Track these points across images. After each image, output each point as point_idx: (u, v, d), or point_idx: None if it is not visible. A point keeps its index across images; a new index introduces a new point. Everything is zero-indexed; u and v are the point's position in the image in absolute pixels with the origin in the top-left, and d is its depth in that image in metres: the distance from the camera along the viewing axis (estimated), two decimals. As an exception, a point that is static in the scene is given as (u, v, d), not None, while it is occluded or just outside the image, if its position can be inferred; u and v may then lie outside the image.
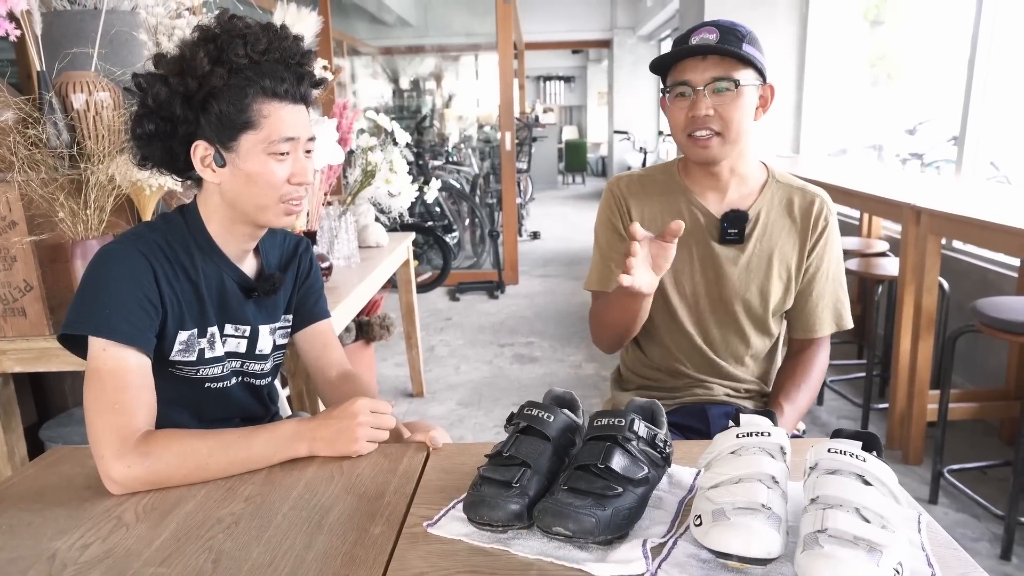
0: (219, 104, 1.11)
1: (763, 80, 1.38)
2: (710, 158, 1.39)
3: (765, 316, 1.48)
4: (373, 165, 2.54)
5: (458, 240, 6.34)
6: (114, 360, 1.07)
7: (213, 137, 1.13)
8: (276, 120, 1.13)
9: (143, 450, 1.03)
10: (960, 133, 3.47)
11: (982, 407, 2.81)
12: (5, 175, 1.59)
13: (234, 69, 1.10)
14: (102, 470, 1.03)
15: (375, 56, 7.15)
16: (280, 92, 1.13)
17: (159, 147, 1.16)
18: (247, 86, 1.11)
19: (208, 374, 1.25)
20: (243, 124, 1.12)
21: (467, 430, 3.19)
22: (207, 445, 1.07)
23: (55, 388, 2.23)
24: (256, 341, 1.30)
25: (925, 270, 2.62)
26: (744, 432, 0.90)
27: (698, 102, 1.34)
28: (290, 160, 1.16)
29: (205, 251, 1.21)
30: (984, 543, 2.24)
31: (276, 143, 1.13)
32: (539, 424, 0.95)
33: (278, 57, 1.13)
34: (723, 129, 1.35)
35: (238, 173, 1.15)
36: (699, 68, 1.33)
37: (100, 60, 1.77)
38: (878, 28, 5.99)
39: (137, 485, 1.03)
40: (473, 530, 0.89)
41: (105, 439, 1.03)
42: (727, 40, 1.32)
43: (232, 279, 1.25)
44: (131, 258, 1.12)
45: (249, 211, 1.18)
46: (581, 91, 16.99)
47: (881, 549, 0.73)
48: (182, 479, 1.05)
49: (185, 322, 1.19)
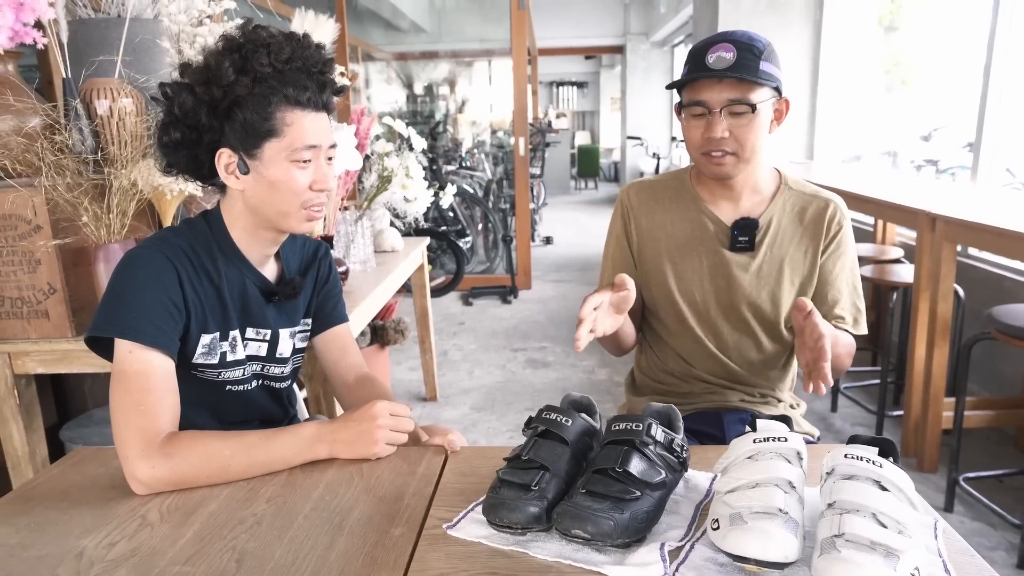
0: (243, 112, 1.13)
1: (779, 94, 1.37)
2: (724, 175, 1.40)
3: (777, 322, 1.48)
4: (389, 171, 2.56)
5: (471, 245, 6.36)
6: (140, 362, 1.09)
7: (237, 145, 1.15)
8: (299, 128, 1.15)
9: (167, 451, 1.05)
10: (976, 139, 3.46)
11: (998, 415, 2.80)
12: (32, 180, 1.62)
13: (258, 78, 1.12)
14: (127, 470, 1.05)
15: (389, 62, 7.20)
16: (303, 100, 1.15)
17: (184, 155, 1.18)
18: (271, 95, 1.13)
19: (229, 377, 1.27)
20: (267, 132, 1.14)
21: (480, 434, 3.20)
22: (230, 447, 1.09)
23: (75, 389, 2.26)
24: (276, 345, 1.32)
25: (940, 277, 2.61)
26: (761, 437, 0.91)
27: (714, 124, 1.33)
28: (312, 167, 1.18)
29: (228, 256, 1.23)
30: (1001, 552, 2.23)
31: (299, 151, 1.15)
32: (557, 428, 0.96)
33: (300, 66, 1.15)
34: (738, 150, 1.35)
35: (261, 180, 1.17)
36: (715, 89, 1.32)
37: (124, 67, 1.80)
38: (893, 34, 5.97)
39: (161, 486, 1.05)
40: (492, 532, 0.90)
41: (130, 440, 1.05)
42: (744, 59, 1.30)
43: (254, 283, 1.27)
44: (157, 262, 1.14)
45: (271, 217, 1.20)
46: (594, 96, 17.01)
47: (898, 554, 0.73)
48: (205, 480, 1.07)
49: (208, 325, 1.21)
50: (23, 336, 1.71)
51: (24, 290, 1.68)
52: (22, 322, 1.70)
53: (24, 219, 1.63)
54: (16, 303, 1.69)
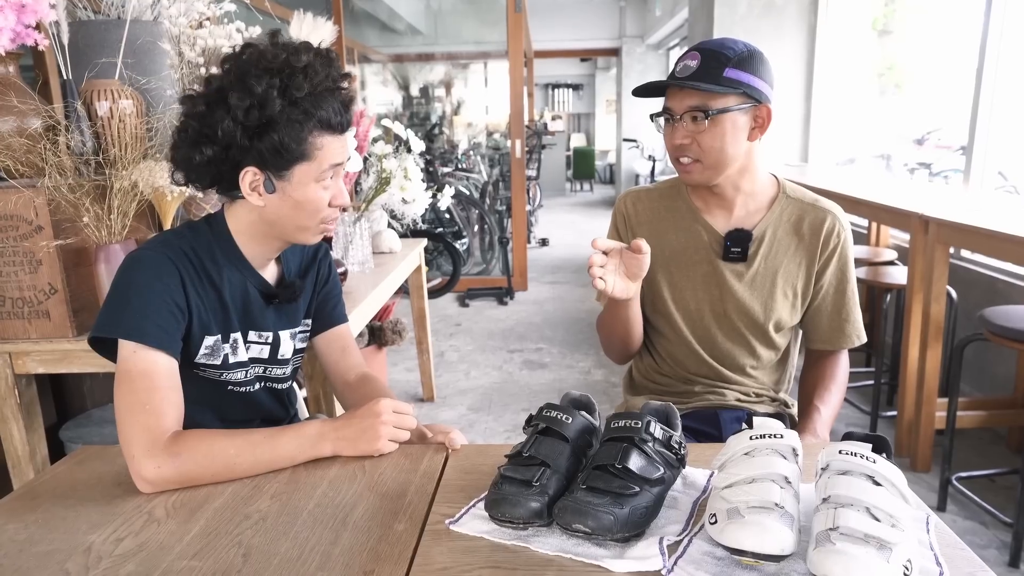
0: (277, 134, 1.11)
1: (756, 101, 1.35)
2: (694, 183, 1.43)
3: (769, 331, 1.50)
4: (388, 172, 2.58)
5: (468, 247, 6.37)
6: (144, 362, 1.11)
7: (265, 164, 1.14)
8: (329, 151, 1.16)
9: (173, 450, 1.06)
10: (968, 143, 3.49)
11: (990, 415, 2.83)
12: (34, 181, 1.64)
13: (295, 101, 1.11)
14: (133, 470, 1.06)
15: (385, 63, 7.21)
16: (335, 125, 1.16)
17: (210, 171, 1.17)
18: (306, 120, 1.12)
19: (232, 378, 1.28)
20: (299, 156, 1.14)
21: (477, 435, 3.21)
22: (234, 445, 1.10)
23: (75, 389, 2.27)
24: (278, 347, 1.33)
25: (933, 279, 2.64)
26: (757, 434, 0.93)
27: (676, 130, 1.37)
28: (332, 184, 1.20)
29: (230, 259, 1.24)
30: (992, 550, 2.25)
31: (326, 171, 1.17)
32: (558, 425, 0.98)
33: (331, 85, 1.15)
34: (700, 156, 1.38)
35: (287, 199, 1.17)
36: (678, 96, 1.36)
37: (124, 69, 1.81)
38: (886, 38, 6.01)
39: (167, 484, 1.07)
40: (494, 527, 0.92)
41: (136, 439, 1.06)
42: (707, 67, 1.32)
43: (255, 287, 1.28)
44: (159, 263, 1.15)
45: (288, 231, 1.22)
46: (589, 99, 17.04)
47: (891, 547, 0.75)
48: (210, 478, 1.08)
49: (211, 327, 1.22)
50: (24, 336, 1.72)
51: (25, 290, 1.69)
52: (23, 322, 1.71)
53: (26, 219, 1.64)
54: (17, 303, 1.69)
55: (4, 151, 1.63)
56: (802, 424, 1.47)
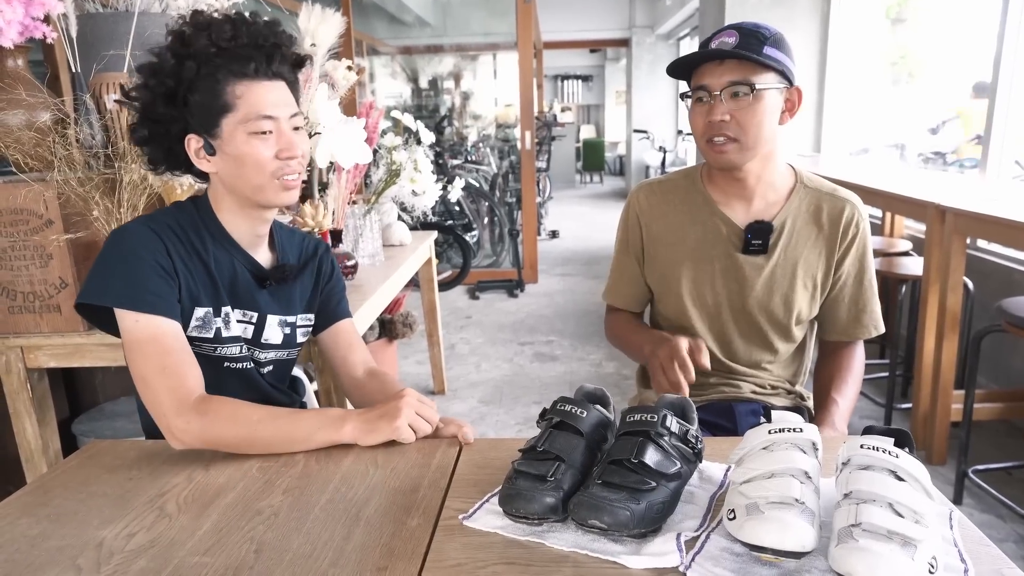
0: (196, 95, 1.16)
1: (789, 83, 1.34)
2: (728, 163, 1.38)
3: (789, 324, 1.48)
4: (398, 164, 2.56)
5: (477, 239, 6.36)
6: (148, 329, 1.12)
7: (199, 128, 1.18)
8: (251, 98, 1.17)
9: (201, 408, 1.10)
10: (985, 132, 3.44)
11: (1007, 407, 2.79)
12: (44, 175, 1.63)
13: (203, 60, 1.14)
14: (164, 428, 1.10)
15: (394, 55, 7.19)
16: (249, 72, 1.16)
17: (159, 149, 1.22)
18: (216, 72, 1.15)
19: (226, 353, 1.28)
20: (221, 108, 1.16)
21: (489, 427, 3.21)
22: (258, 414, 1.13)
23: (86, 383, 2.27)
24: (262, 330, 1.33)
25: (950, 269, 2.61)
26: (776, 428, 0.91)
27: (715, 107, 1.32)
28: (274, 137, 1.19)
29: (216, 238, 1.26)
30: (1010, 544, 2.22)
31: (254, 121, 1.17)
32: (572, 419, 0.97)
33: (247, 42, 1.16)
34: (739, 135, 1.33)
35: (227, 158, 1.19)
36: (716, 72, 1.32)
37: (133, 62, 1.80)
38: (899, 26, 5.94)
39: (195, 442, 1.10)
40: (509, 523, 0.90)
41: (163, 400, 1.09)
42: (747, 43, 1.29)
43: (244, 267, 1.29)
44: (142, 233, 1.17)
45: (248, 193, 1.22)
46: (599, 90, 16.96)
47: (915, 543, 0.74)
48: (232, 440, 1.11)
49: (200, 299, 1.23)
50: (35, 330, 1.72)
51: (36, 284, 1.69)
52: (34, 316, 1.71)
53: (36, 214, 1.63)
54: (28, 297, 1.69)
55: (13, 145, 1.63)
56: (820, 416, 1.45)
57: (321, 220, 2.08)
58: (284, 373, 1.44)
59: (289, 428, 1.13)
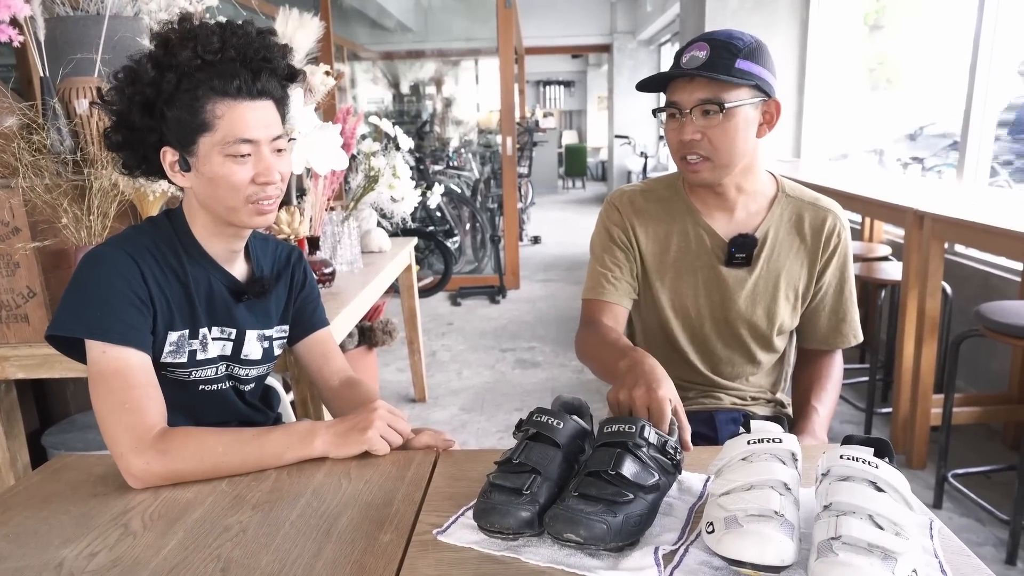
0: (174, 109, 1.10)
1: (767, 96, 1.30)
2: (702, 182, 1.36)
3: (771, 336, 1.47)
4: (376, 170, 2.54)
5: (459, 245, 6.33)
6: (115, 361, 1.08)
7: (175, 142, 1.13)
8: (231, 119, 1.10)
9: (161, 448, 1.05)
10: (962, 137, 3.47)
11: (986, 411, 2.81)
12: (9, 181, 1.59)
13: (184, 72, 1.08)
14: (122, 467, 1.05)
15: (375, 61, 7.16)
16: (231, 90, 1.09)
17: (133, 155, 1.17)
18: (197, 88, 1.09)
19: (201, 376, 1.24)
20: (198, 126, 1.10)
21: (470, 435, 3.18)
22: (222, 443, 1.08)
23: (57, 395, 2.23)
24: (242, 345, 1.29)
25: (928, 274, 2.62)
26: (755, 438, 0.90)
27: (686, 125, 1.29)
28: (253, 160, 1.13)
29: (192, 254, 1.21)
30: (989, 548, 2.23)
31: (233, 144, 1.11)
32: (549, 431, 0.95)
33: (234, 55, 1.10)
34: (712, 154, 1.30)
35: (201, 177, 1.14)
36: (687, 89, 1.28)
37: (103, 66, 1.76)
38: (878, 33, 5.99)
39: (156, 481, 1.05)
40: (483, 537, 0.88)
41: (121, 438, 1.05)
42: (718, 57, 1.25)
43: (220, 282, 1.24)
44: (118, 259, 1.12)
45: (221, 213, 1.17)
46: (581, 95, 17.01)
47: (896, 556, 0.72)
48: (199, 475, 1.07)
49: (175, 323, 1.18)
50: (2, 341, 1.68)
51: (3, 294, 1.65)
52: (1, 326, 1.67)
53: (1, 221, 1.59)
54: (-5, 307, 1.65)
55: (-21, 151, 1.59)
56: (799, 425, 1.43)
57: (297, 227, 2.05)
58: (260, 388, 1.41)
59: (257, 453, 1.09)
